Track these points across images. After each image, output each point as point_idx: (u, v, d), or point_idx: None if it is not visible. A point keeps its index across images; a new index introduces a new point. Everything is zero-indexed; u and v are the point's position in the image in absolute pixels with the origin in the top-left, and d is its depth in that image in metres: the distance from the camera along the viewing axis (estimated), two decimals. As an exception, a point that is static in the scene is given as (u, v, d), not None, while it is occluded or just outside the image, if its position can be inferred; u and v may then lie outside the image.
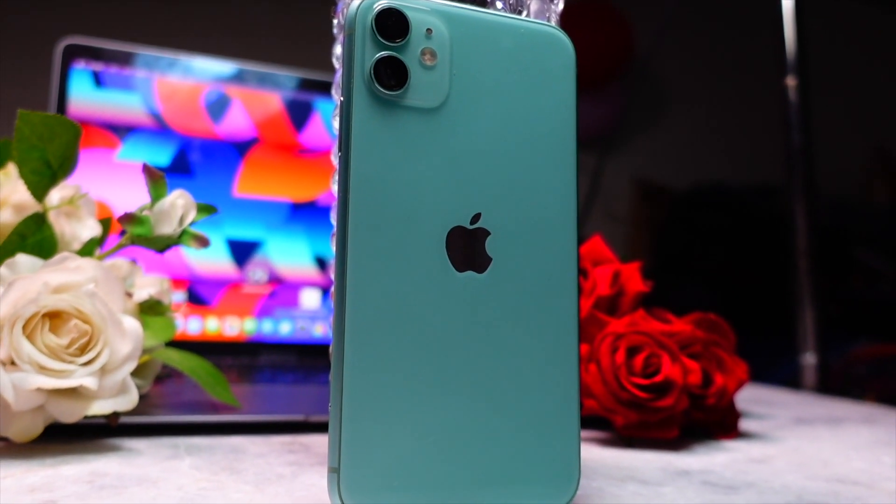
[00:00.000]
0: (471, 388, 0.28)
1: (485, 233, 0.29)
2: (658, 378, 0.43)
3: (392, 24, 0.28)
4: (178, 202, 0.38)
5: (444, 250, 0.28)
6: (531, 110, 0.30)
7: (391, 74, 0.28)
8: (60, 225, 0.42)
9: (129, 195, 0.64)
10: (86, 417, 0.36)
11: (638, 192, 1.97)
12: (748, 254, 1.76)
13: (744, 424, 0.53)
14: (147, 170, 0.37)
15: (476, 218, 0.29)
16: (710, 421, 0.48)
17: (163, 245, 0.39)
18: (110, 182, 0.67)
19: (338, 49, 0.38)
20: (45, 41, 0.78)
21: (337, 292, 0.27)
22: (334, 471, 0.26)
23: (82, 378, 0.35)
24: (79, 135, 0.39)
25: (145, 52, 0.70)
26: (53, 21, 1.41)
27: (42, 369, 0.34)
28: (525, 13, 0.33)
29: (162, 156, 0.70)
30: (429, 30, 0.29)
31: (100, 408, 0.36)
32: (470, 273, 0.28)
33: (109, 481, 0.31)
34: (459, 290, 0.28)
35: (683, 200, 1.91)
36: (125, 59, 0.69)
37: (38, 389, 0.34)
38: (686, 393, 0.44)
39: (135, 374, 0.39)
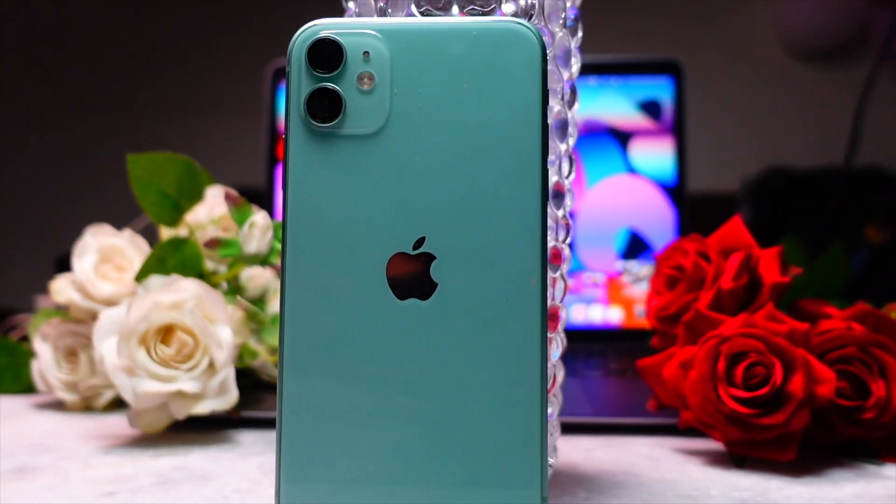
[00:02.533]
0: (415, 421, 0.27)
1: (429, 257, 0.28)
2: (763, 390, 0.36)
3: (326, 55, 0.28)
4: (259, 222, 0.42)
5: (383, 278, 0.28)
6: (487, 118, 0.28)
7: (325, 107, 0.28)
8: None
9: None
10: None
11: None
12: None
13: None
14: (229, 196, 0.42)
15: (420, 242, 0.28)
16: (873, 439, 0.39)
17: (257, 261, 0.43)
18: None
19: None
20: (256, 63, 0.89)
21: (279, 325, 0.28)
22: None
23: (184, 383, 0.41)
24: (190, 166, 0.45)
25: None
26: (264, 45, 1.51)
27: (153, 375, 0.41)
28: (501, 8, 0.30)
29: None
30: (366, 53, 0.28)
31: (201, 407, 0.42)
32: (412, 300, 0.28)
33: (182, 475, 0.36)
34: (400, 319, 0.28)
35: None
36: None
37: (151, 392, 0.41)
38: (809, 407, 0.37)
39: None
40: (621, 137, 0.73)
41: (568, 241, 0.34)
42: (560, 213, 0.33)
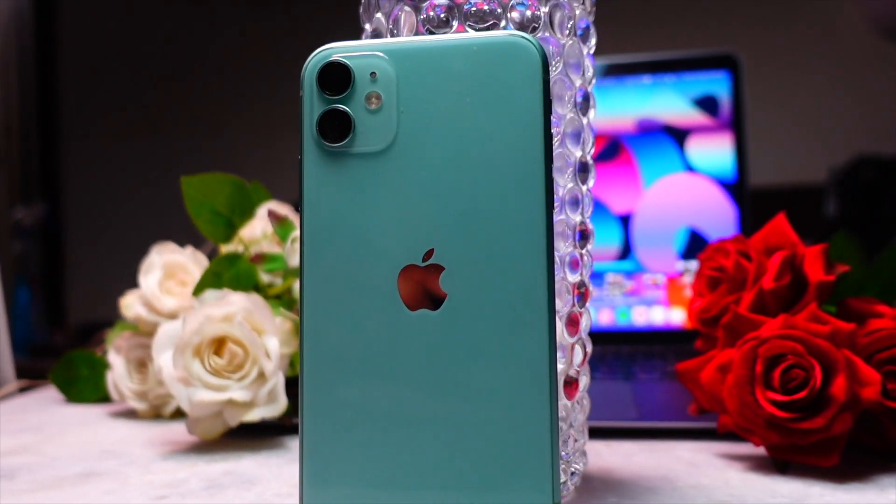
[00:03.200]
0: (428, 430, 0.28)
1: (439, 269, 0.29)
2: (802, 393, 0.35)
3: (335, 78, 0.30)
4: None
5: (395, 290, 0.29)
6: (490, 131, 0.29)
7: (335, 127, 0.29)
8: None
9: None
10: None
11: None
12: None
13: None
14: (272, 214, 0.44)
15: (429, 254, 0.29)
16: (929, 443, 0.38)
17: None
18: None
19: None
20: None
21: (299, 337, 0.30)
22: None
23: (234, 392, 0.43)
24: (240, 185, 0.47)
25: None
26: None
27: (206, 385, 0.43)
28: (504, 23, 0.31)
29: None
30: (373, 73, 0.29)
31: (253, 415, 0.44)
32: (423, 311, 0.29)
33: (230, 479, 0.38)
34: (412, 330, 0.29)
35: None
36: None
37: (205, 401, 0.43)
38: (853, 410, 0.35)
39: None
40: (678, 135, 0.72)
41: (589, 247, 0.34)
42: (577, 218, 0.33)
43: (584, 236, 0.33)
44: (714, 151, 0.71)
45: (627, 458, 0.40)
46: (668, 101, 0.73)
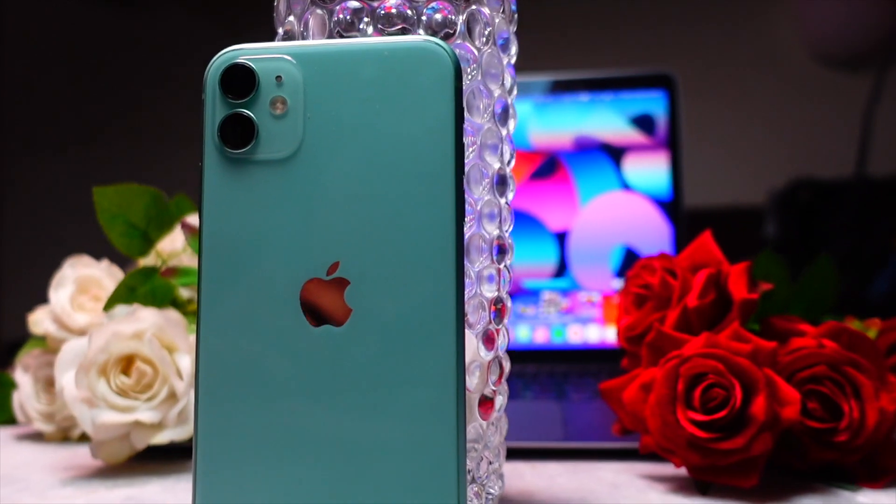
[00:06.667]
0: (329, 452, 0.27)
1: (344, 283, 0.27)
2: (722, 413, 0.35)
3: (239, 81, 0.28)
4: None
5: (297, 305, 0.27)
6: (400, 139, 0.27)
7: (237, 133, 0.28)
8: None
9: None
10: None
11: None
12: None
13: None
14: (185, 226, 0.42)
15: (334, 268, 0.27)
16: (848, 463, 0.37)
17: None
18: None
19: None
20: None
21: (195, 353, 0.28)
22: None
23: (142, 413, 0.41)
24: (157, 196, 0.45)
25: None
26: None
27: (112, 406, 0.41)
28: (420, 28, 0.30)
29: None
30: (279, 77, 0.28)
31: (161, 437, 0.41)
32: (326, 327, 0.27)
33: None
34: (315, 347, 0.27)
35: None
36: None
37: (109, 423, 0.41)
38: (772, 430, 0.35)
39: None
40: (615, 153, 0.72)
41: (508, 262, 0.33)
42: (495, 232, 0.32)
43: (501, 251, 0.32)
44: (650, 170, 0.71)
45: (550, 479, 0.39)
46: (606, 119, 0.73)
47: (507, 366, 0.33)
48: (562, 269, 0.71)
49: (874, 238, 1.53)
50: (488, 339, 0.31)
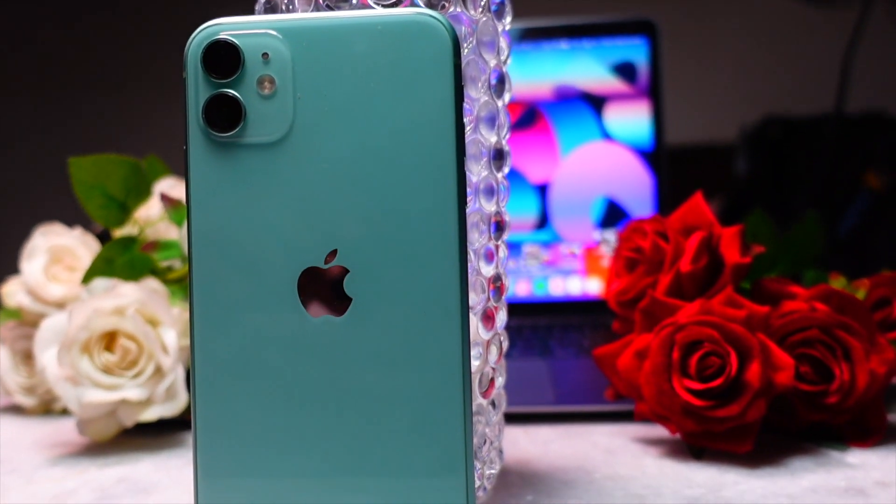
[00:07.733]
0: (331, 440, 0.26)
1: (343, 271, 0.26)
2: (718, 381, 0.35)
3: (223, 59, 0.26)
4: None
5: (295, 295, 0.26)
6: (397, 119, 0.26)
7: (224, 115, 0.26)
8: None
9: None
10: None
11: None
12: None
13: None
14: (164, 198, 0.40)
15: (332, 256, 0.26)
16: (838, 423, 0.38)
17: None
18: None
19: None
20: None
21: (190, 346, 0.27)
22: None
23: (128, 390, 0.40)
24: (135, 166, 0.43)
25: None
26: None
27: (97, 384, 0.40)
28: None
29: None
30: (265, 54, 0.26)
31: (149, 414, 0.41)
32: (326, 318, 0.26)
33: (123, 488, 0.35)
34: (315, 338, 0.26)
35: None
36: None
37: (96, 402, 0.40)
38: (766, 396, 0.35)
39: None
40: (595, 103, 0.71)
41: (505, 238, 0.32)
42: (492, 208, 0.31)
43: (499, 227, 0.31)
44: (631, 119, 0.70)
45: (545, 446, 0.40)
46: (586, 68, 0.71)
47: (505, 344, 0.32)
48: (543, 222, 0.71)
49: (846, 175, 1.55)
50: (487, 318, 0.31)
